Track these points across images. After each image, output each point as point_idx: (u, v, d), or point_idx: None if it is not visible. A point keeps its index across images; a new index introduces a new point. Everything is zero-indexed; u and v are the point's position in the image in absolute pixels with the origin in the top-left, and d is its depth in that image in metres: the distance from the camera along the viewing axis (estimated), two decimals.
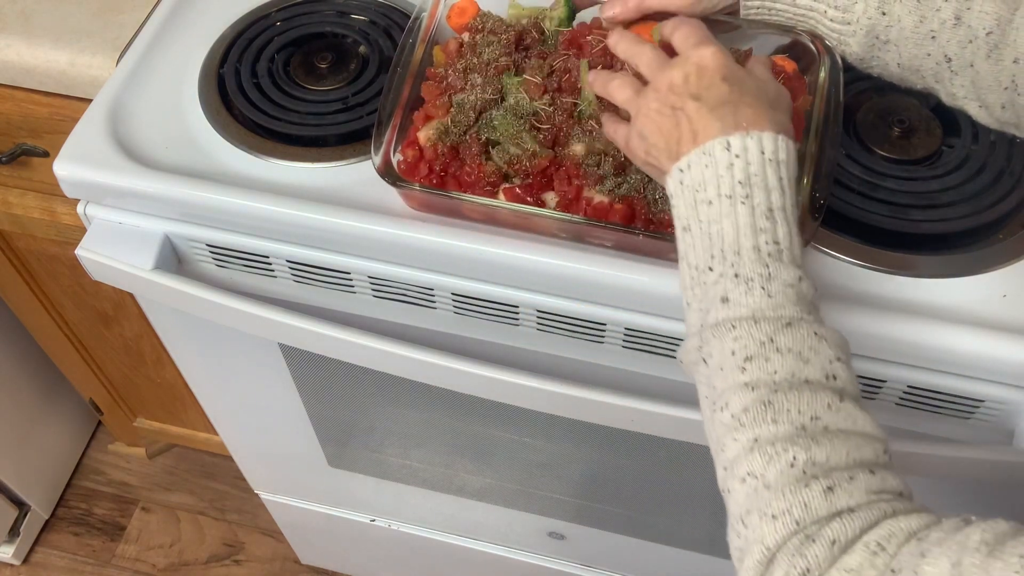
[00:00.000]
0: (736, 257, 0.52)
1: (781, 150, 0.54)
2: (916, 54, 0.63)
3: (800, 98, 0.67)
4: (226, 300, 0.75)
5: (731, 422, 0.49)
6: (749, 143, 0.53)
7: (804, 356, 0.50)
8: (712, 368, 0.52)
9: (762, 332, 0.50)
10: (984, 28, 0.59)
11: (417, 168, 0.67)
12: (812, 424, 0.48)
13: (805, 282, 0.53)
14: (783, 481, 0.46)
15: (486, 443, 0.98)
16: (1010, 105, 0.61)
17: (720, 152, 0.54)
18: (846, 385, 0.50)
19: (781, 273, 0.52)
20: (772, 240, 0.52)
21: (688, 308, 0.55)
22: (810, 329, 0.51)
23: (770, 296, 0.51)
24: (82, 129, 0.76)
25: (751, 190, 0.53)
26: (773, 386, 0.49)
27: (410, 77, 0.71)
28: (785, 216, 0.53)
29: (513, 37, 0.72)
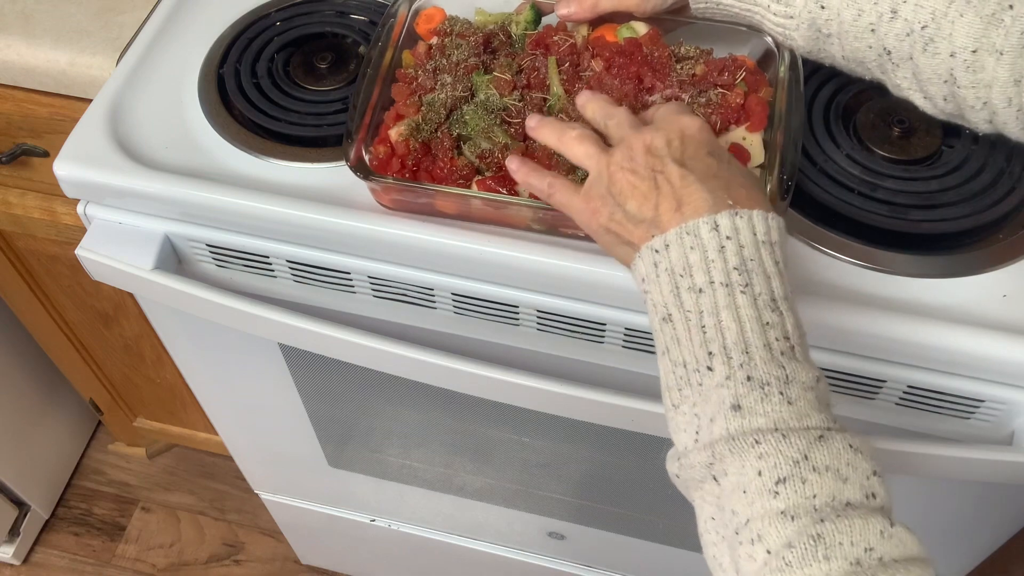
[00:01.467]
0: (745, 357, 0.46)
1: (774, 231, 0.49)
2: (858, 47, 0.63)
3: (762, 89, 0.68)
4: (226, 300, 0.75)
5: (770, 559, 0.42)
6: (740, 223, 0.48)
7: (843, 474, 0.44)
8: (728, 488, 0.45)
9: (793, 448, 0.44)
10: (919, 22, 0.59)
11: (389, 164, 0.68)
12: (867, 556, 0.41)
13: (822, 383, 0.47)
14: None
15: (486, 443, 0.98)
16: (951, 97, 0.60)
17: (707, 233, 0.48)
18: (885, 502, 0.45)
19: (799, 374, 0.46)
20: (783, 335, 0.47)
21: (675, 411, 0.49)
22: (844, 442, 0.45)
23: (791, 403, 0.45)
24: (82, 129, 0.76)
25: (750, 277, 0.47)
26: (815, 513, 0.42)
27: (380, 79, 0.71)
28: (789, 306, 0.48)
29: (481, 40, 0.73)
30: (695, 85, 0.69)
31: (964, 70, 0.58)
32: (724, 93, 0.68)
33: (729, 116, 0.67)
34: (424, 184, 0.67)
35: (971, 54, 0.57)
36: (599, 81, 0.69)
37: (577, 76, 0.70)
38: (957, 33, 0.57)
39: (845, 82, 0.75)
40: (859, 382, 0.70)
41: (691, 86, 0.69)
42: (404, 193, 0.68)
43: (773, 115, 0.67)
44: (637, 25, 0.72)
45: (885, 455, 0.68)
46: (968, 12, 0.57)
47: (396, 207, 0.70)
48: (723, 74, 0.69)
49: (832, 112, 0.75)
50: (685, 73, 0.69)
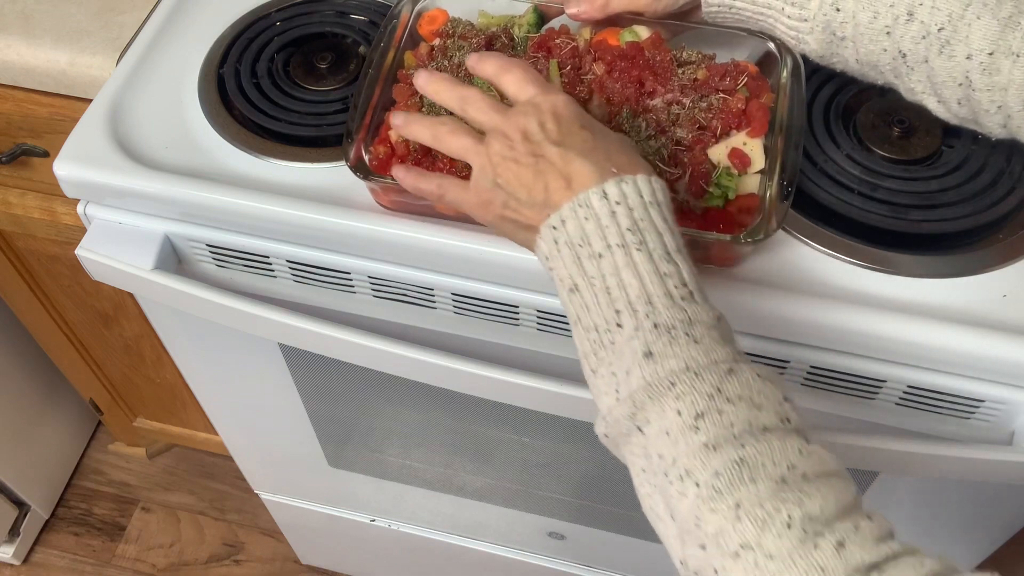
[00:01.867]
0: (649, 307, 0.48)
1: (659, 191, 0.52)
2: (872, 50, 0.63)
3: (764, 95, 0.68)
4: (226, 300, 0.75)
5: (700, 492, 0.44)
6: (626, 188, 0.50)
7: (755, 402, 0.46)
8: (652, 435, 0.47)
9: (706, 383, 0.46)
10: (936, 24, 0.59)
11: (389, 165, 0.68)
12: (791, 474, 0.43)
13: (723, 321, 0.49)
14: (787, 546, 0.41)
15: (486, 443, 0.98)
16: (966, 101, 0.60)
17: (598, 202, 0.50)
18: (800, 425, 0.46)
19: (700, 315, 0.48)
20: (680, 283, 0.49)
21: (595, 375, 0.50)
22: (751, 372, 0.47)
23: (697, 342, 0.47)
24: (82, 129, 0.76)
25: (643, 235, 0.49)
26: (735, 440, 0.44)
27: (381, 79, 0.71)
28: (683, 256, 0.50)
29: (483, 42, 0.73)
30: (697, 90, 0.69)
31: (980, 73, 0.58)
32: (725, 98, 0.68)
33: (730, 121, 0.67)
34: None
35: (988, 56, 0.58)
36: (601, 84, 0.69)
37: (579, 79, 0.70)
38: (974, 35, 0.58)
39: (845, 82, 0.75)
40: (859, 382, 0.70)
41: (692, 90, 0.69)
42: (403, 194, 0.68)
43: (774, 120, 0.67)
44: (639, 29, 0.72)
45: (885, 455, 0.68)
46: (985, 15, 0.58)
47: (396, 207, 0.70)
48: (725, 79, 0.69)
49: (832, 112, 0.75)
50: (687, 77, 0.69)
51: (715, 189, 0.65)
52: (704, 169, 0.66)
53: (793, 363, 0.70)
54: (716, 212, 0.65)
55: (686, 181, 0.66)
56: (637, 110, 0.68)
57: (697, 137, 0.67)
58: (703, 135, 0.67)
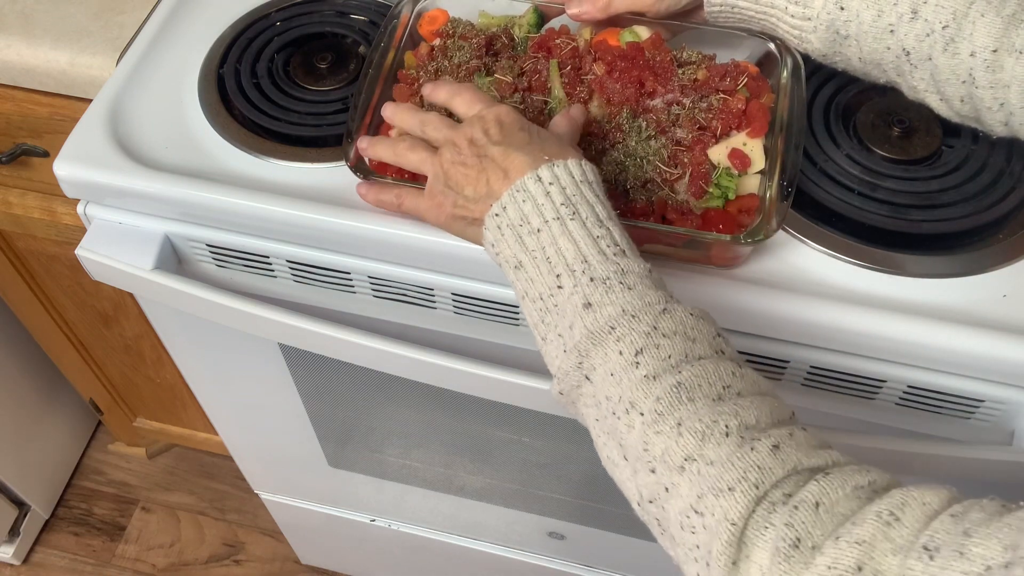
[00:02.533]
0: (584, 265, 0.52)
1: (588, 172, 0.56)
2: (876, 48, 0.63)
3: (764, 95, 0.69)
4: (226, 300, 0.75)
5: (645, 419, 0.47)
6: (558, 171, 0.55)
7: (690, 335, 0.49)
8: (599, 380, 0.50)
9: (642, 323, 0.50)
10: (940, 22, 0.60)
11: (388, 165, 0.68)
12: (727, 392, 0.47)
13: (654, 272, 0.53)
14: (725, 452, 0.44)
15: (486, 443, 0.98)
16: (968, 98, 0.61)
17: (533, 185, 0.55)
18: (734, 355, 0.50)
19: (632, 266, 0.52)
20: (612, 243, 0.53)
21: (545, 343, 0.54)
22: (684, 310, 0.51)
23: (630, 288, 0.51)
24: (82, 129, 0.76)
25: (575, 208, 0.54)
26: (674, 369, 0.48)
27: (381, 79, 0.72)
28: (614, 222, 0.55)
29: (483, 42, 0.73)
30: (697, 90, 0.69)
31: (984, 70, 0.59)
32: (726, 98, 0.68)
33: (730, 121, 0.67)
34: (423, 185, 0.67)
35: (991, 54, 0.58)
36: (601, 85, 0.69)
37: (579, 79, 0.70)
38: (978, 33, 0.58)
39: (845, 82, 0.75)
40: (859, 382, 0.70)
41: (693, 91, 0.69)
42: None
43: (774, 121, 0.67)
44: (640, 29, 0.72)
45: (885, 455, 0.68)
46: (989, 12, 0.58)
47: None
48: (725, 79, 0.69)
49: (832, 112, 0.75)
50: (687, 78, 0.69)
51: (715, 189, 0.65)
52: (704, 169, 0.66)
53: (793, 363, 0.70)
54: (716, 212, 0.65)
55: (686, 181, 0.66)
56: (637, 110, 0.68)
57: (697, 137, 0.67)
58: (703, 135, 0.67)
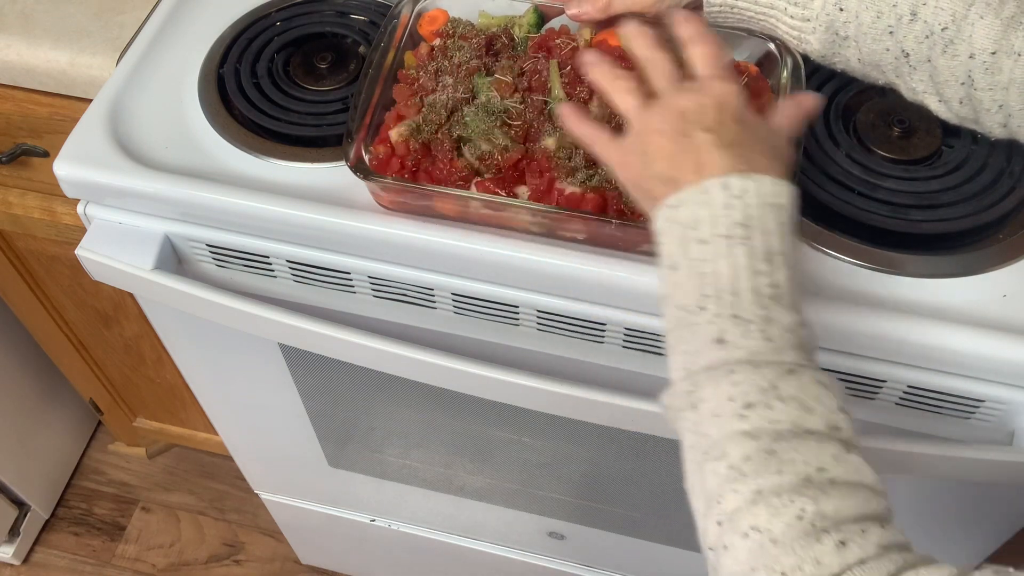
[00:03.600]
0: (733, 298, 0.50)
1: (783, 195, 0.53)
2: (875, 49, 0.63)
3: (764, 96, 0.69)
4: (226, 300, 0.75)
5: (729, 473, 0.46)
6: (749, 185, 0.52)
7: (807, 405, 0.47)
8: (703, 414, 0.49)
9: (763, 378, 0.48)
10: (939, 23, 0.60)
11: (388, 165, 0.68)
12: (818, 475, 0.45)
13: (805, 329, 0.51)
14: (792, 535, 0.43)
15: (486, 443, 0.98)
16: (967, 100, 0.61)
17: (718, 192, 0.52)
18: (849, 436, 0.48)
19: (781, 317, 0.50)
20: (771, 284, 0.50)
21: (672, 351, 0.52)
22: (813, 377, 0.49)
23: (769, 340, 0.49)
24: (82, 129, 0.76)
25: (750, 232, 0.51)
26: (775, 435, 0.46)
27: (381, 79, 0.71)
28: (785, 261, 0.51)
29: (483, 42, 0.73)
30: None
31: (983, 72, 0.59)
32: None
33: None
34: (423, 185, 0.67)
35: (990, 56, 0.58)
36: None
37: (579, 80, 0.70)
38: (977, 35, 0.58)
39: (845, 82, 0.75)
40: (859, 382, 0.70)
41: None
42: (403, 194, 0.68)
43: None
44: None
45: (885, 455, 0.68)
46: (988, 14, 0.58)
47: (395, 208, 0.70)
48: None
49: (832, 112, 0.75)
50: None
51: None
52: None
53: None
54: None
55: None
56: None
57: None
58: None
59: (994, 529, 0.86)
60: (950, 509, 0.84)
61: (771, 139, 0.57)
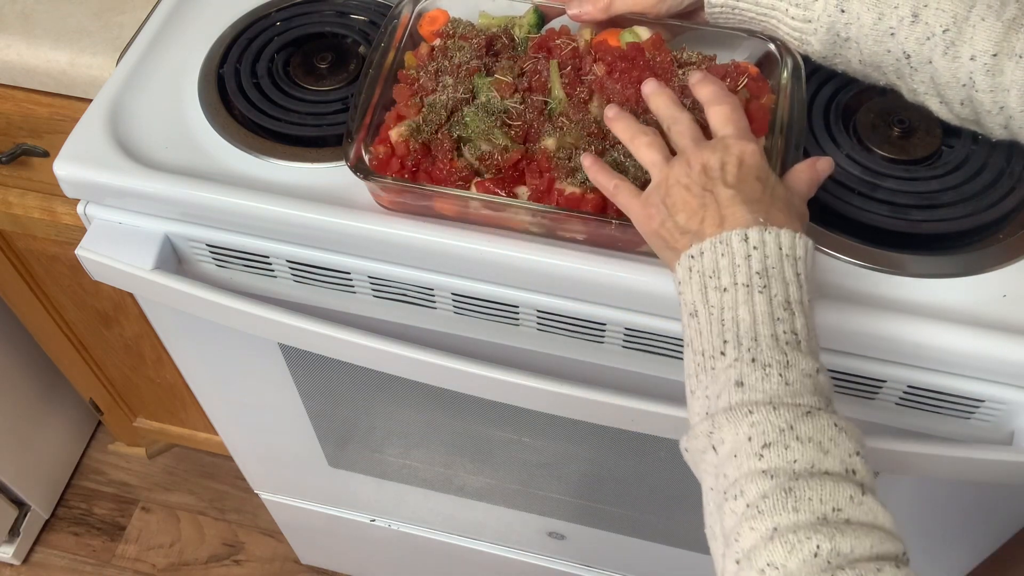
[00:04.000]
0: (753, 343, 0.51)
1: (799, 247, 0.54)
2: (876, 51, 0.64)
3: (764, 96, 0.69)
4: (226, 300, 0.75)
5: (747, 511, 0.47)
6: (767, 237, 0.54)
7: (824, 447, 0.48)
8: (723, 456, 0.50)
9: (781, 419, 0.49)
10: (941, 25, 0.60)
11: (388, 164, 0.68)
12: (834, 515, 0.46)
13: (823, 375, 0.52)
14: (807, 571, 0.44)
15: (486, 443, 0.98)
16: (968, 102, 0.61)
17: (738, 243, 0.53)
18: (865, 479, 0.49)
19: (800, 362, 0.51)
20: (791, 330, 0.52)
21: (692, 396, 0.54)
22: (830, 420, 0.50)
23: (788, 384, 0.50)
24: (82, 129, 0.76)
25: (769, 281, 0.53)
26: (793, 475, 0.47)
27: (381, 80, 0.72)
28: (803, 309, 0.53)
29: (483, 42, 0.73)
30: None
31: (983, 74, 0.59)
32: None
33: None
34: (423, 185, 0.67)
35: (991, 58, 0.58)
36: (601, 85, 0.69)
37: (579, 80, 0.70)
38: (978, 37, 0.59)
39: (845, 82, 0.75)
40: (859, 382, 0.70)
41: None
42: (403, 194, 0.68)
43: (775, 122, 0.67)
44: (640, 30, 0.72)
45: (885, 455, 0.68)
46: (989, 16, 0.59)
47: (395, 208, 0.70)
48: (725, 80, 0.69)
49: (832, 112, 0.75)
50: (687, 78, 0.69)
51: None
52: None
53: None
54: None
55: None
56: (637, 111, 0.68)
57: None
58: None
59: (994, 529, 0.86)
60: (950, 509, 0.84)
61: (788, 197, 0.58)
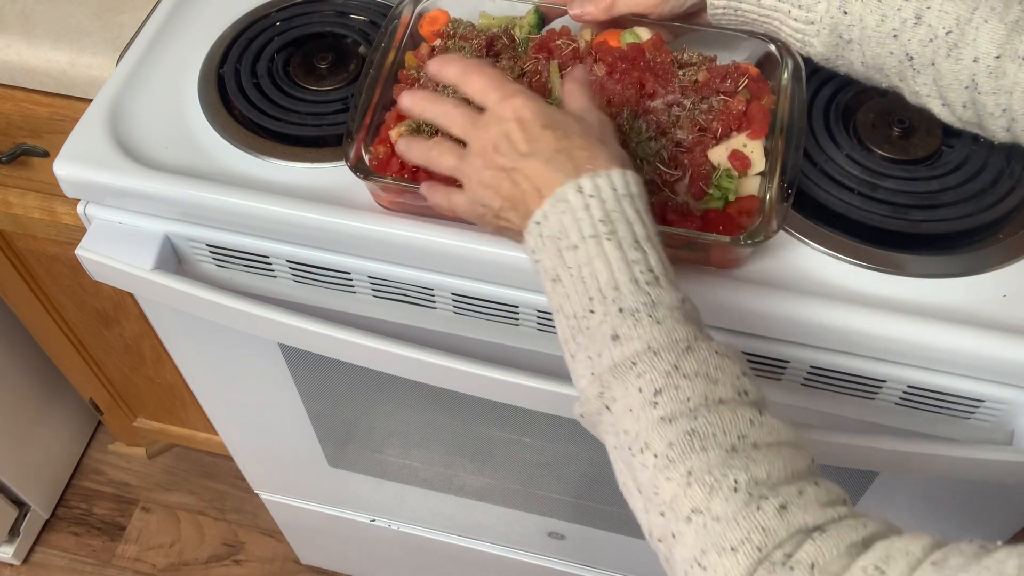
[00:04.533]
0: (616, 292, 0.51)
1: (631, 183, 0.54)
2: (879, 53, 0.64)
3: (764, 97, 0.69)
4: (226, 300, 0.75)
5: (657, 462, 0.47)
6: (600, 182, 0.53)
7: (712, 376, 0.48)
8: (618, 413, 0.50)
9: (664, 361, 0.49)
10: (944, 27, 0.60)
11: (388, 165, 0.68)
12: (741, 443, 0.46)
13: (688, 302, 0.52)
14: (732, 509, 0.44)
15: (486, 443, 0.98)
16: (971, 104, 0.61)
17: (574, 196, 0.53)
18: (759, 398, 0.49)
19: (663, 298, 0.51)
20: (647, 269, 0.52)
21: (574, 360, 0.53)
22: (710, 348, 0.50)
23: (659, 323, 0.50)
24: (82, 129, 0.76)
25: (614, 226, 0.52)
26: (690, 414, 0.47)
27: (381, 80, 0.71)
28: (652, 244, 0.53)
29: (484, 42, 0.73)
30: (697, 91, 0.69)
31: (987, 76, 0.59)
32: (726, 100, 0.68)
33: (731, 123, 0.67)
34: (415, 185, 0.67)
35: (994, 60, 0.59)
36: (601, 86, 0.69)
37: None
38: (981, 39, 0.59)
39: (845, 82, 0.75)
40: (859, 382, 0.70)
41: (693, 92, 0.69)
42: (403, 194, 0.68)
43: (775, 122, 0.67)
44: (640, 31, 0.72)
45: (885, 455, 0.68)
46: (992, 19, 0.59)
47: (395, 208, 0.70)
48: (726, 81, 0.69)
49: (832, 112, 0.75)
50: (687, 79, 0.69)
51: (715, 191, 0.65)
52: (704, 171, 0.66)
53: (793, 363, 0.70)
54: (716, 214, 0.65)
55: (686, 183, 0.66)
56: (638, 111, 0.68)
57: (697, 139, 0.67)
58: (703, 137, 0.67)
59: (994, 529, 0.86)
60: (950, 509, 0.84)
61: (586, 127, 0.57)
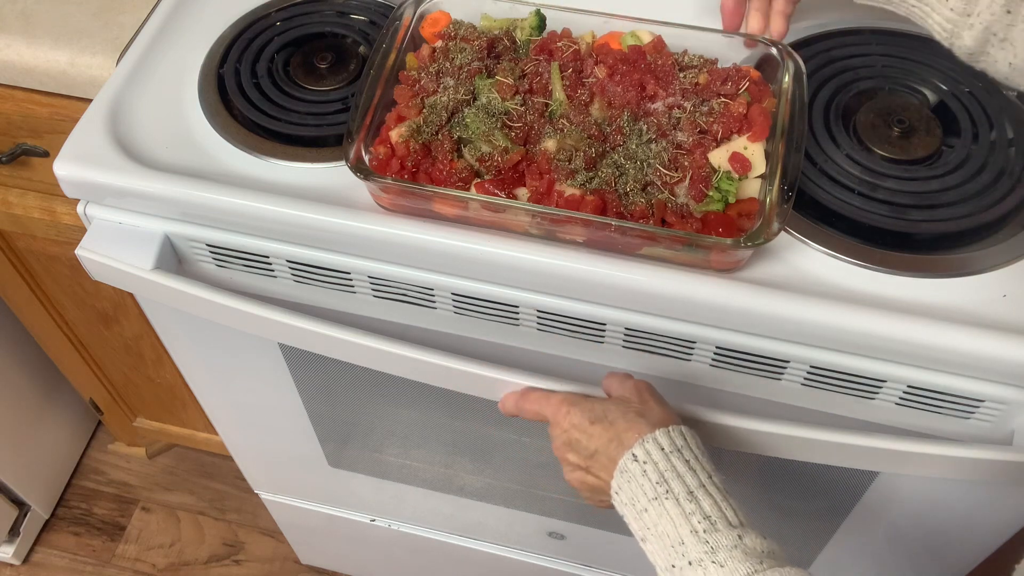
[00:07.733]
0: (682, 547, 0.57)
1: (676, 438, 0.60)
2: None
3: (765, 100, 0.69)
4: (226, 300, 0.75)
5: None
6: (649, 447, 0.60)
7: None
8: None
9: None
10: None
11: (389, 165, 0.68)
12: None
13: (747, 536, 0.56)
14: None
15: (486, 443, 0.98)
16: None
17: (632, 465, 0.60)
18: None
19: (721, 541, 0.56)
20: (703, 517, 0.57)
21: None
22: None
23: (722, 566, 0.55)
24: (82, 129, 0.76)
25: (668, 485, 0.58)
26: None
27: (382, 80, 0.72)
28: (705, 491, 0.58)
29: (485, 44, 0.73)
30: (698, 94, 0.69)
31: None
32: (727, 102, 0.68)
33: (731, 125, 0.67)
34: (423, 186, 0.67)
35: None
36: (602, 88, 0.69)
37: (580, 82, 0.70)
38: None
39: (845, 82, 0.76)
40: (859, 382, 0.70)
41: (694, 94, 0.69)
42: (403, 195, 0.68)
43: (775, 125, 0.67)
44: (641, 33, 0.72)
45: (885, 455, 0.68)
46: None
47: (395, 208, 0.70)
48: (726, 83, 0.69)
49: (832, 112, 0.75)
50: (688, 82, 0.69)
51: (715, 193, 0.65)
52: (704, 173, 0.66)
53: (793, 363, 0.70)
54: (716, 216, 0.65)
55: (686, 185, 0.66)
56: (638, 113, 0.68)
57: (698, 141, 0.67)
58: (704, 139, 0.67)
59: (994, 529, 0.86)
60: (950, 509, 0.84)
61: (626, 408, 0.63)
